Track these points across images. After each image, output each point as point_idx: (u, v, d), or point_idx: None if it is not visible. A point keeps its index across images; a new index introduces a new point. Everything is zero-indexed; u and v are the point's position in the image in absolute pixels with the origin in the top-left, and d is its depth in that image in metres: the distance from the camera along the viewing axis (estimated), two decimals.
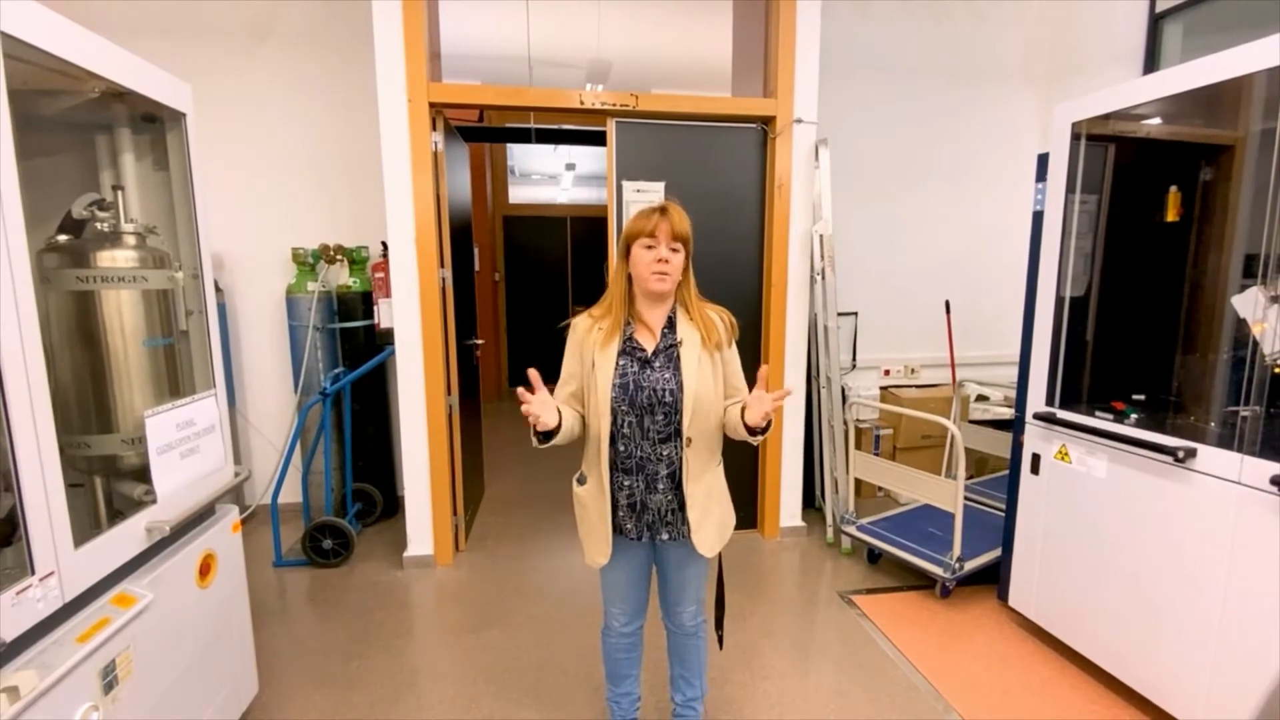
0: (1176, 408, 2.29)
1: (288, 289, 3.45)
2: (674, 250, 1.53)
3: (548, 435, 1.51)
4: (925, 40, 3.83)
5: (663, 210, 1.54)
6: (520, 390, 1.47)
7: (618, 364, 1.57)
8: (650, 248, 1.54)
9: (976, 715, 2.12)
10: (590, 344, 1.59)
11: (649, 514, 1.62)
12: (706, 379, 1.58)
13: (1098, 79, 3.60)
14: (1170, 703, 2.01)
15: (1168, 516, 2.00)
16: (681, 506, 1.62)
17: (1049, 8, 3.90)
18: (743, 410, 1.54)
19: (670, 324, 1.61)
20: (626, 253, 1.59)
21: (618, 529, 1.64)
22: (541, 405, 1.47)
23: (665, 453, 1.58)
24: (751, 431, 1.53)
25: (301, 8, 3.44)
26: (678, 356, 1.58)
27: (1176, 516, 1.98)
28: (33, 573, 1.34)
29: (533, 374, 1.48)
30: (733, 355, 1.67)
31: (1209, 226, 2.30)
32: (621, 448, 1.59)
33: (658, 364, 1.57)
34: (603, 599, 1.81)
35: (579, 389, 1.64)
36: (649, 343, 1.59)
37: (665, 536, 1.64)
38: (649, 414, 1.56)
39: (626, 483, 1.61)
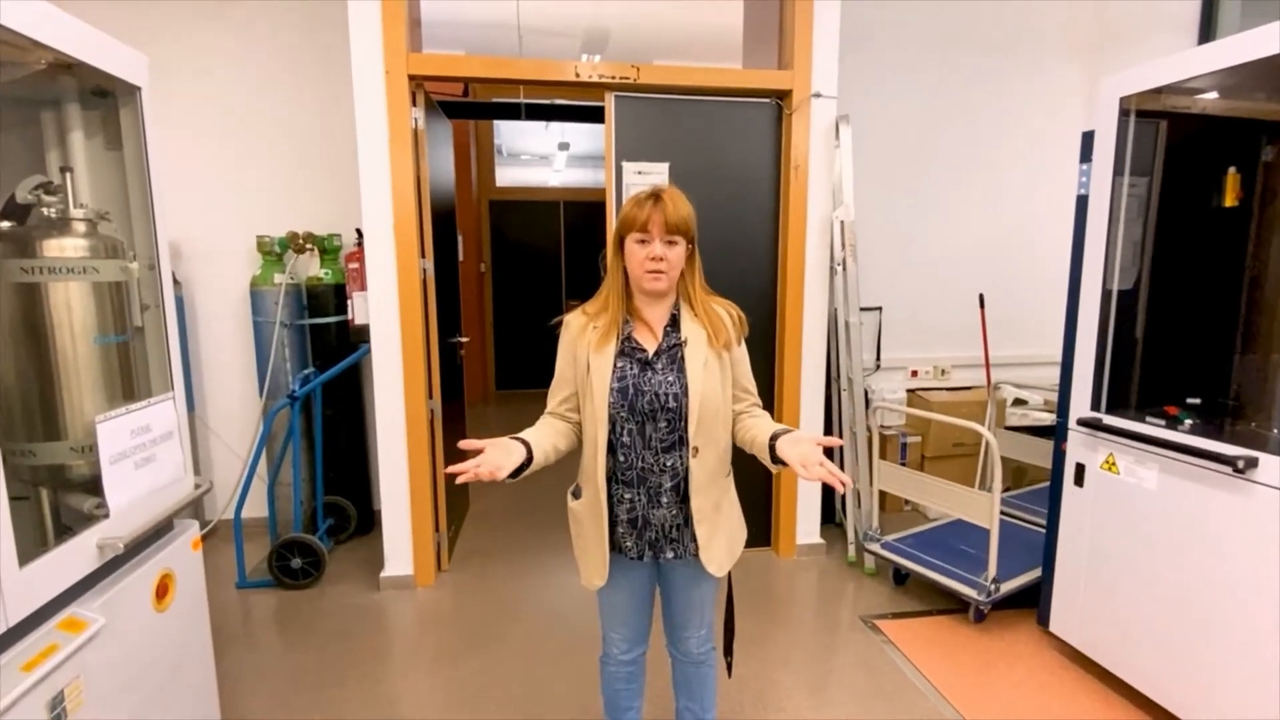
0: (1235, 412, 2.29)
1: (252, 281, 3.45)
2: (670, 244, 1.52)
3: (518, 470, 1.47)
4: (958, 6, 3.83)
5: (656, 198, 1.52)
6: (451, 469, 1.39)
7: (615, 366, 1.56)
8: (644, 242, 1.53)
9: None
10: (585, 344, 1.59)
11: (651, 530, 1.62)
12: (714, 381, 1.58)
13: (1148, 50, 3.60)
14: None
15: (1226, 532, 2.00)
16: (687, 522, 1.62)
17: None
18: (775, 438, 1.48)
19: (673, 322, 1.61)
20: (620, 245, 1.58)
21: (616, 547, 1.64)
22: (494, 453, 1.42)
23: (669, 463, 1.58)
24: (776, 460, 1.48)
25: None
26: (682, 357, 1.57)
27: (1236, 532, 1.98)
28: None
29: (465, 444, 1.43)
30: (742, 354, 1.66)
31: (1271, 212, 2.30)
32: (621, 458, 1.59)
33: (660, 366, 1.57)
34: (601, 624, 1.81)
35: (573, 394, 1.64)
36: (650, 343, 1.59)
37: (670, 555, 1.64)
38: (650, 421, 1.56)
39: (626, 496, 1.61)
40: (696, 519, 1.60)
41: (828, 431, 3.53)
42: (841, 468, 3.51)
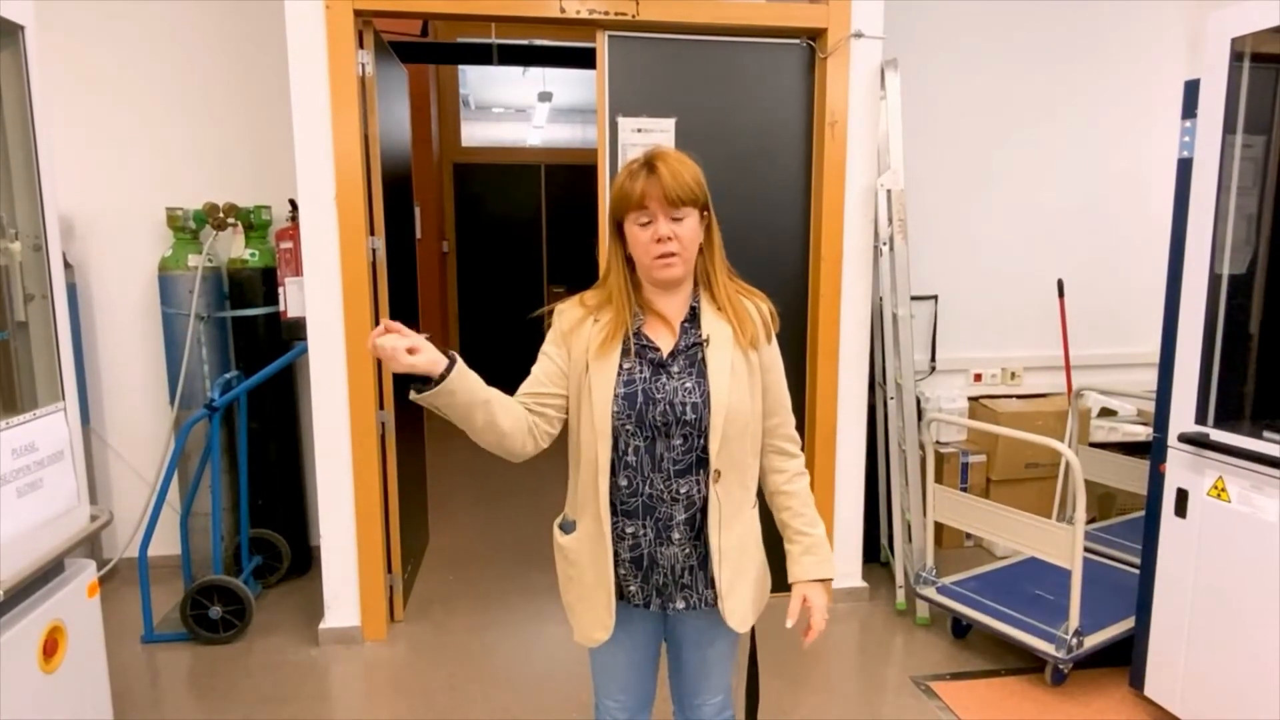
0: None
1: (161, 264, 3.45)
2: (678, 220, 1.53)
3: (426, 381, 1.39)
4: None
5: (649, 166, 1.52)
6: (385, 324, 1.35)
7: (622, 368, 1.56)
8: (646, 224, 1.53)
9: None
10: (583, 342, 1.59)
11: (659, 573, 1.62)
12: (741, 389, 1.58)
13: None
14: None
15: None
16: (703, 563, 1.62)
17: None
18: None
19: (693, 315, 1.61)
20: (619, 229, 1.59)
21: (616, 592, 1.64)
22: (404, 343, 1.35)
23: (683, 490, 1.58)
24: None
25: None
26: (703, 359, 1.58)
27: None
28: None
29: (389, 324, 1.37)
30: (773, 358, 1.66)
31: None
32: (624, 482, 1.59)
33: (676, 369, 1.57)
34: (594, 688, 1.80)
35: (554, 395, 1.61)
36: (665, 340, 1.59)
37: (681, 605, 1.64)
38: (663, 436, 1.56)
39: (629, 530, 1.61)
40: (716, 560, 1.60)
41: (870, 449, 3.54)
42: (888, 495, 3.54)
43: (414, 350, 1.37)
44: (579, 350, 1.58)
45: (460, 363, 1.43)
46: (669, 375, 1.56)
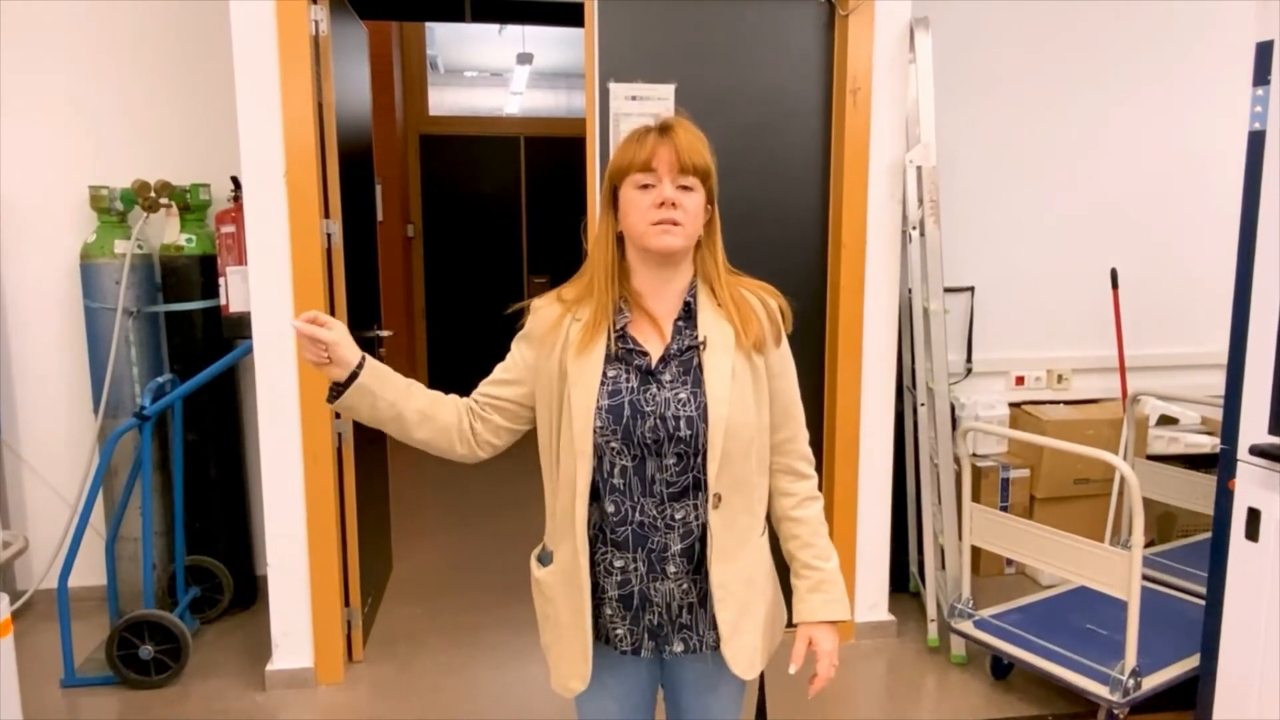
0: None
1: (84, 251, 3.43)
2: (684, 189, 1.53)
3: (339, 387, 1.55)
4: None
5: (663, 129, 1.53)
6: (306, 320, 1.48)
7: (606, 376, 1.55)
8: (647, 187, 1.53)
9: None
10: (559, 344, 1.58)
11: (652, 613, 1.61)
12: (745, 399, 1.57)
13: None
14: None
15: None
16: (704, 600, 1.61)
17: None
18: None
19: (687, 312, 1.60)
20: (613, 200, 1.58)
21: (602, 635, 1.64)
22: (327, 336, 1.49)
23: (679, 516, 1.57)
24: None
25: None
26: (699, 364, 1.57)
27: None
28: None
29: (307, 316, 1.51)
30: (783, 362, 1.65)
31: None
32: (611, 508, 1.58)
33: (668, 376, 1.56)
34: None
35: (511, 399, 1.62)
36: (654, 343, 1.58)
37: (679, 648, 1.63)
38: (653, 455, 1.55)
39: (618, 563, 1.60)
40: (718, 597, 1.59)
41: (898, 463, 3.54)
42: (918, 515, 3.54)
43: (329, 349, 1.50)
44: (554, 356, 1.58)
45: (367, 364, 1.57)
46: (659, 384, 1.55)
